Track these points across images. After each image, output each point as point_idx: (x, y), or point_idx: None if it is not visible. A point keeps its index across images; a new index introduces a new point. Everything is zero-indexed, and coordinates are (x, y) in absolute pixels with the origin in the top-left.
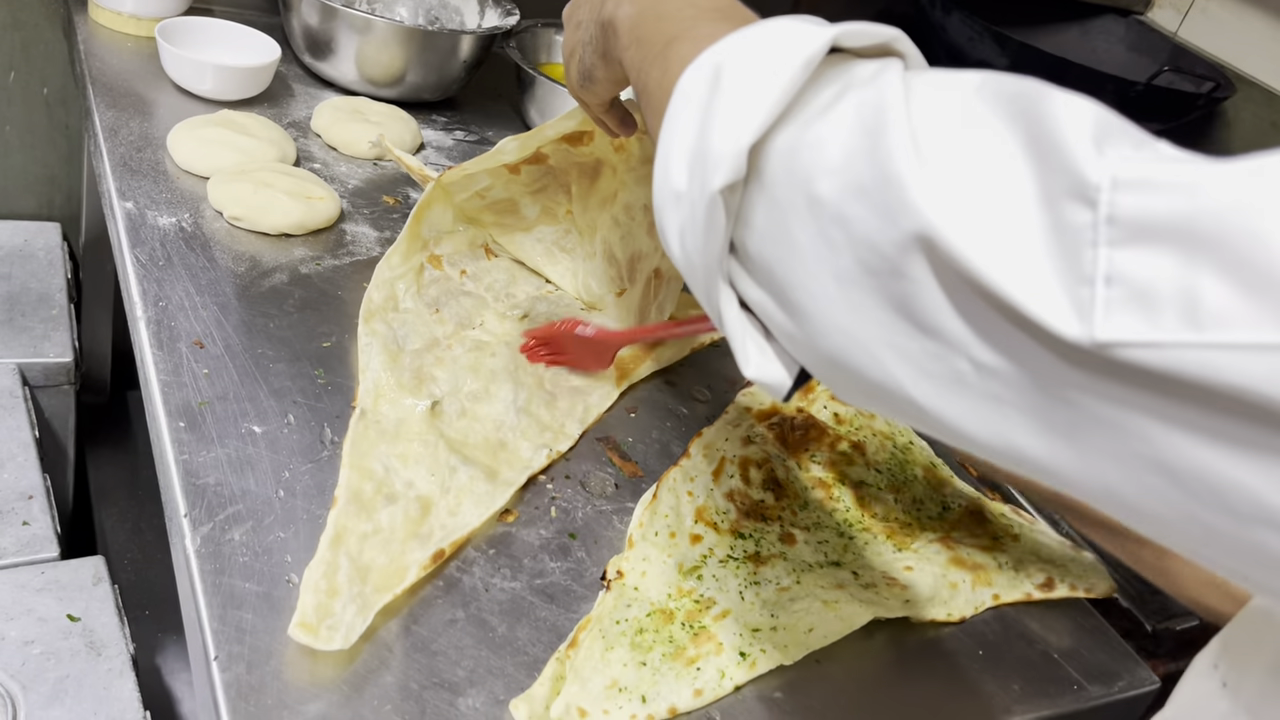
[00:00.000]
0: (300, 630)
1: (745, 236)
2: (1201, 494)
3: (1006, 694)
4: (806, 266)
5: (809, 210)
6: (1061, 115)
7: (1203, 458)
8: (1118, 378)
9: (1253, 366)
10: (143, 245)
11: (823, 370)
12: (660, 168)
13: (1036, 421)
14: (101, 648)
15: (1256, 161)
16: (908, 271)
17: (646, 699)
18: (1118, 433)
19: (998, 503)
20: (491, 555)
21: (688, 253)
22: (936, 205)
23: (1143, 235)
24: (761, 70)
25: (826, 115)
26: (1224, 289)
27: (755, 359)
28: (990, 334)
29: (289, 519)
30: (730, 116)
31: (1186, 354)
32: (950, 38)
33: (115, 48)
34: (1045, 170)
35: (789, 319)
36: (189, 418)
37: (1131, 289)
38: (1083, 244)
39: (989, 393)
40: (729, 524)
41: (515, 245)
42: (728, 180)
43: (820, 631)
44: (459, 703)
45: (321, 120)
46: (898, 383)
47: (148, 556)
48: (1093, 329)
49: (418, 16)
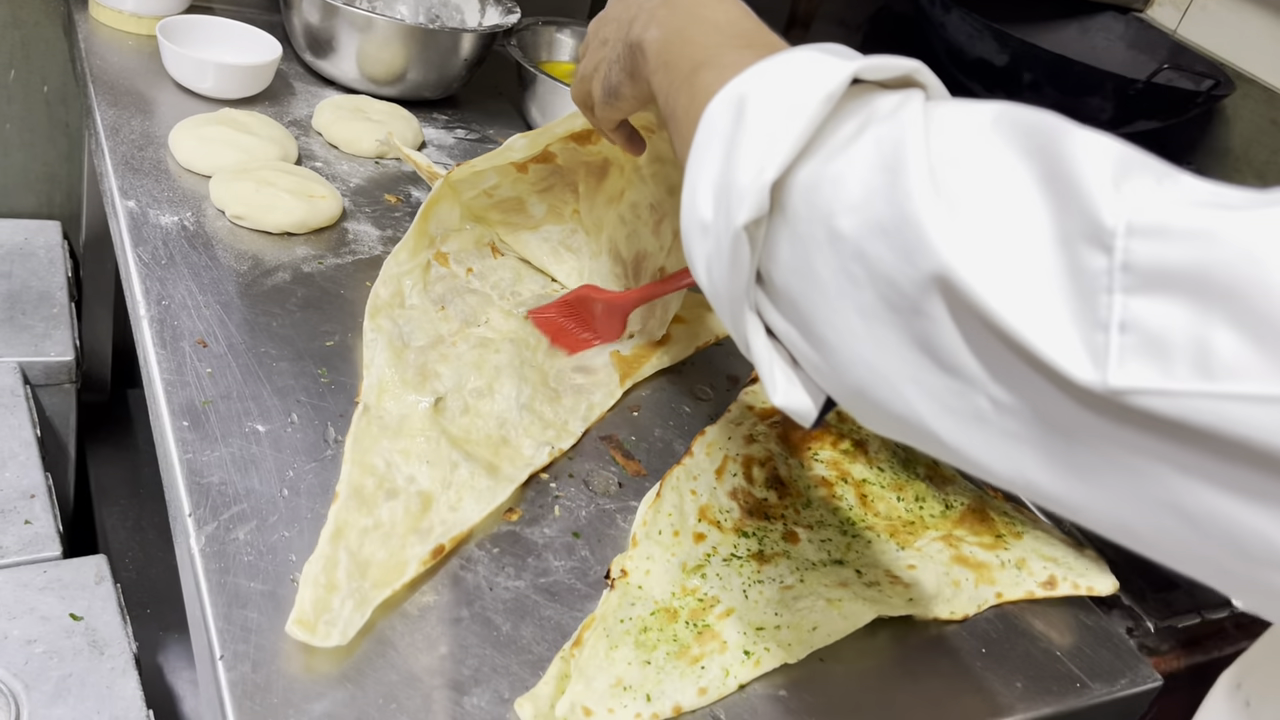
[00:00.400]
0: (297, 627)
1: (771, 269)
2: (1215, 536)
3: (1009, 692)
4: (829, 301)
5: (830, 245)
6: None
7: (1215, 503)
8: (1131, 423)
9: (1262, 418)
10: (145, 244)
11: (848, 400)
12: (688, 198)
13: (1052, 459)
14: (104, 646)
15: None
16: (927, 310)
17: (651, 698)
18: (1132, 475)
19: (1000, 501)
20: (495, 554)
21: (714, 283)
22: (953, 246)
23: (1157, 283)
24: (785, 104)
25: (847, 150)
26: (1235, 340)
27: (783, 387)
28: (1007, 375)
29: (293, 518)
30: (753, 151)
31: (1198, 403)
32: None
33: (116, 46)
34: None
35: (814, 350)
36: (192, 417)
37: (1145, 337)
38: (1098, 289)
39: (1006, 430)
40: (732, 522)
41: (521, 244)
42: (751, 216)
43: (824, 630)
44: (464, 701)
45: (323, 118)
46: (919, 416)
47: (149, 555)
48: (1107, 375)
49: (419, 14)
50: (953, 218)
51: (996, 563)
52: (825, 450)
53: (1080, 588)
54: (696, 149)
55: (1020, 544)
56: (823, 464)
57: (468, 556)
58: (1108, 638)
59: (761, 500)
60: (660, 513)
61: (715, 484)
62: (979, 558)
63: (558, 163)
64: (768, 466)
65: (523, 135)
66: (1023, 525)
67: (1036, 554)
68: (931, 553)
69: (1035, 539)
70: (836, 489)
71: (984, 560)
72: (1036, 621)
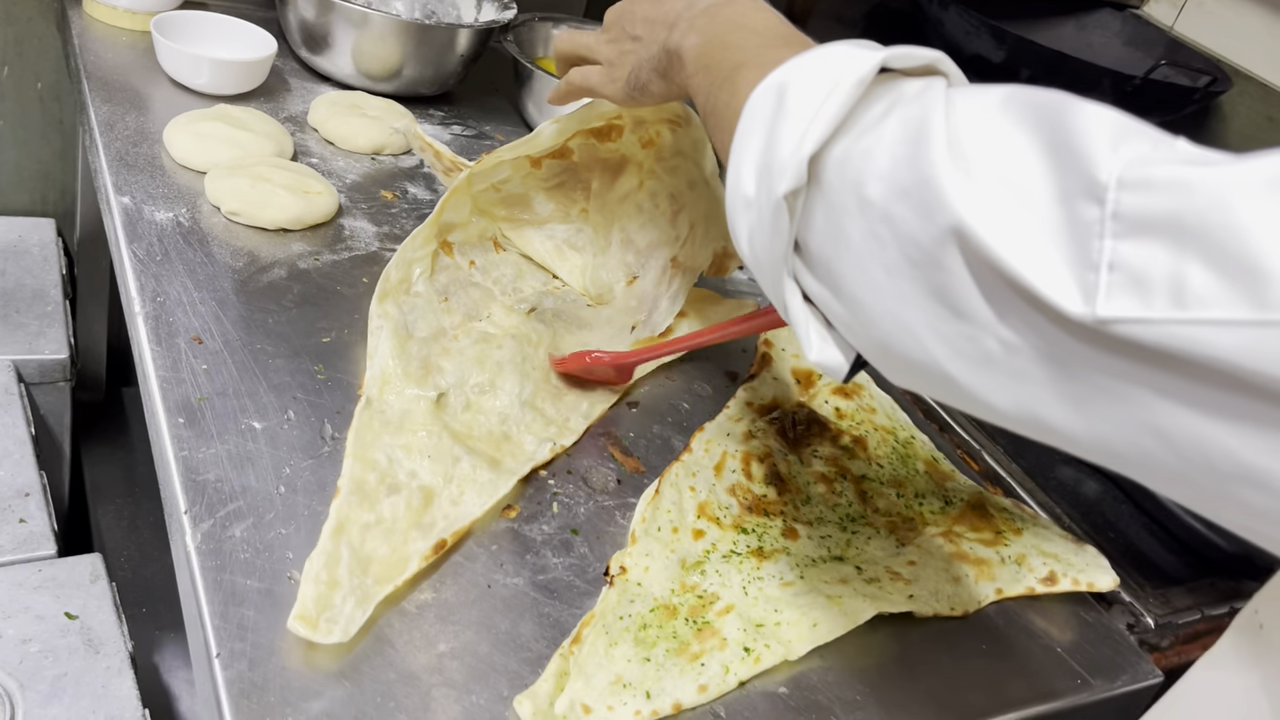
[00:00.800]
0: (299, 623)
1: (807, 236)
2: (1190, 455)
3: (1010, 688)
4: (859, 261)
5: (860, 211)
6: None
7: (1188, 422)
8: (1116, 352)
9: (1227, 340)
10: (140, 240)
11: (874, 354)
12: (732, 177)
13: (1051, 392)
14: (99, 645)
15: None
16: (944, 263)
17: (651, 695)
18: (1117, 401)
19: (1000, 497)
20: (494, 551)
21: (756, 252)
22: (968, 204)
23: (1141, 229)
24: (820, 89)
25: (876, 128)
26: (1205, 274)
27: (817, 345)
28: (1013, 316)
29: (290, 515)
30: (793, 130)
31: (1173, 329)
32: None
33: (110, 42)
34: (1063, 173)
35: (845, 309)
36: (188, 414)
37: (1129, 275)
38: (1091, 236)
39: (1012, 369)
40: (732, 519)
41: (524, 240)
42: (791, 186)
43: (824, 626)
44: (463, 699)
45: (318, 114)
46: (937, 362)
47: (144, 554)
48: (1095, 308)
49: (414, 10)
50: (968, 180)
51: (996, 559)
52: (825, 447)
53: (1080, 584)
54: (741, 133)
55: (1020, 540)
56: (822, 460)
57: (466, 554)
58: (1108, 634)
59: (761, 497)
60: (659, 509)
61: (714, 480)
62: (979, 554)
63: (573, 159)
64: (767, 463)
65: (553, 121)
66: (1022, 522)
67: (1036, 550)
68: (932, 549)
69: (1035, 535)
70: (836, 485)
71: (984, 556)
72: (1037, 618)
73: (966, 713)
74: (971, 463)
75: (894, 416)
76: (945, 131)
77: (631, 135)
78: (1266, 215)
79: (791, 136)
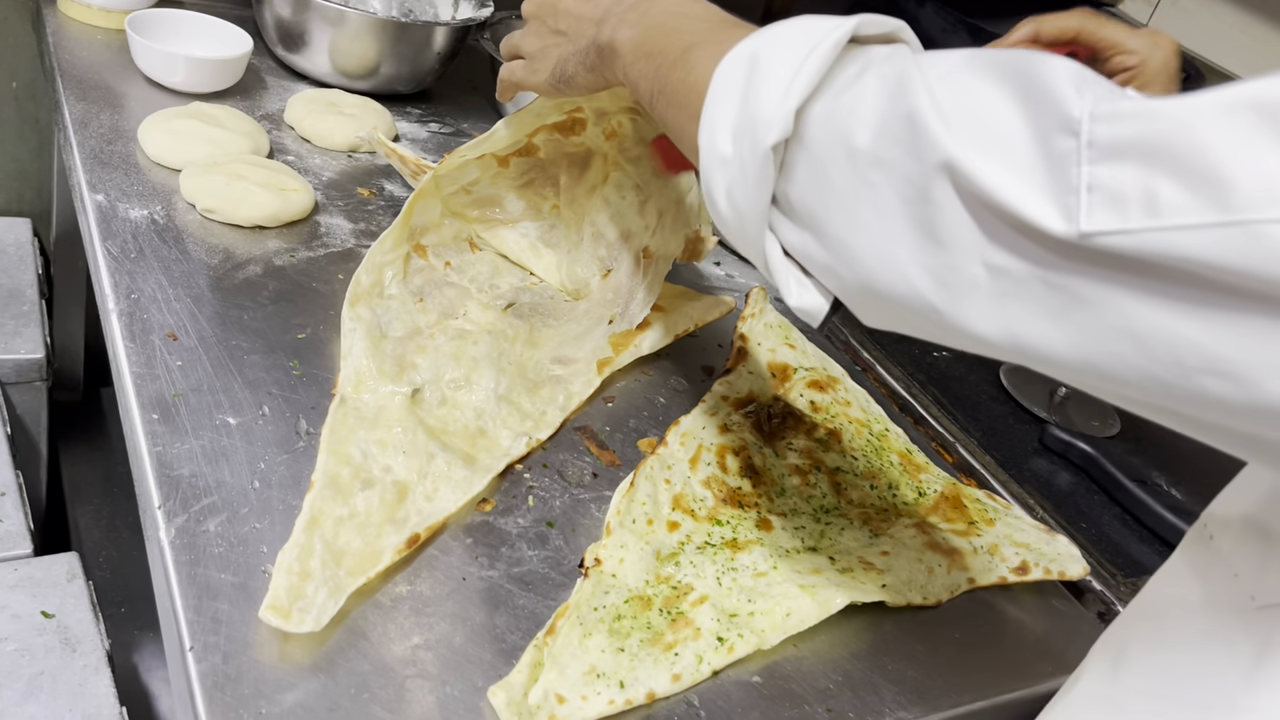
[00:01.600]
0: (271, 613)
1: (788, 189)
2: (1160, 353)
3: (982, 676)
4: (845, 206)
5: (848, 160)
6: (1047, 71)
7: (1160, 321)
8: (1097, 263)
9: (1195, 241)
10: (114, 238)
11: (856, 295)
12: (706, 142)
13: (1034, 308)
14: (76, 644)
15: (1197, 96)
16: (934, 197)
17: (625, 684)
18: (1096, 308)
19: (973, 489)
20: (469, 544)
21: (736, 206)
22: (955, 141)
23: (1115, 153)
24: (796, 52)
25: (855, 86)
26: (1174, 187)
27: (796, 291)
28: (999, 239)
29: (265, 510)
30: (774, 88)
31: (1148, 237)
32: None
33: (85, 40)
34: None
35: (828, 252)
36: (162, 410)
37: (1106, 194)
38: (1069, 164)
39: (997, 290)
40: (706, 511)
41: (499, 240)
42: (779, 137)
43: (797, 616)
44: (438, 690)
45: (295, 112)
46: (921, 295)
47: (123, 554)
48: (1079, 224)
49: (391, 8)
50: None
51: (969, 549)
52: (800, 440)
53: (1052, 573)
54: (712, 100)
55: (993, 531)
56: (797, 453)
57: (441, 547)
58: (1080, 622)
59: (735, 489)
60: (634, 502)
61: (689, 473)
62: (952, 544)
63: (539, 156)
64: (742, 455)
65: (504, 121)
66: (995, 513)
67: (1009, 540)
68: (905, 540)
69: (1007, 526)
70: (810, 477)
71: (957, 547)
72: (1009, 607)
73: (939, 700)
74: (945, 455)
75: (869, 410)
76: (924, 84)
77: (595, 128)
78: (1224, 133)
79: (774, 93)
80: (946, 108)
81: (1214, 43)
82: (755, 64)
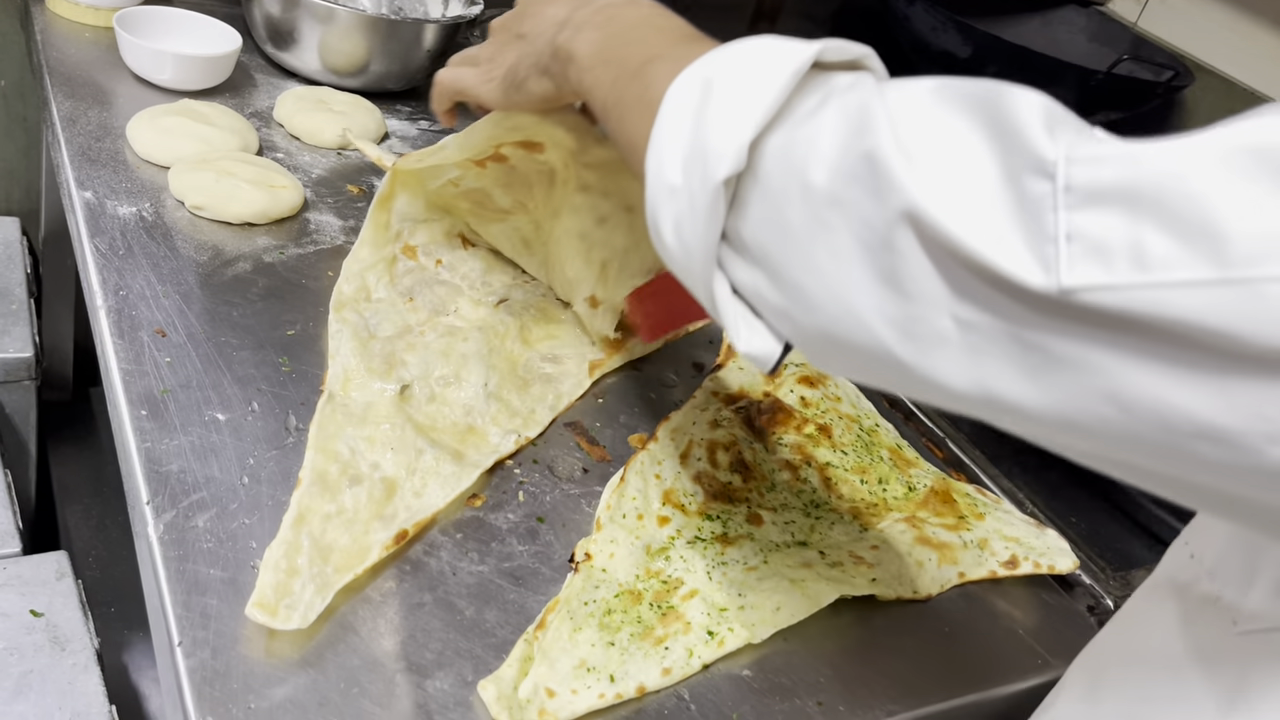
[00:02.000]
0: (258, 610)
1: (739, 225)
2: (1145, 416)
3: (972, 669)
4: (801, 247)
5: (803, 197)
6: (1017, 107)
7: (1147, 385)
8: (1079, 320)
9: (1190, 300)
10: (102, 234)
11: (811, 342)
12: (654, 167)
13: (1009, 366)
14: (65, 642)
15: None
16: (896, 244)
17: (615, 678)
18: (1075, 369)
19: (963, 483)
20: (459, 539)
21: (684, 241)
22: (918, 185)
23: (1095, 199)
24: (754, 79)
25: (815, 118)
26: (1164, 239)
27: (745, 335)
28: (969, 293)
29: (254, 505)
30: (727, 118)
31: (1136, 294)
32: (914, 28)
33: (73, 38)
34: (1006, 152)
35: (782, 296)
36: (151, 406)
37: (1089, 243)
38: (1044, 210)
39: (968, 345)
40: (696, 506)
41: (491, 235)
42: (731, 171)
43: (787, 610)
44: (427, 684)
45: (284, 110)
46: (885, 347)
47: (112, 553)
48: (1059, 278)
49: (381, 6)
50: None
51: (959, 543)
52: (790, 435)
53: (1041, 567)
54: (663, 122)
55: (982, 525)
56: (787, 448)
57: (431, 542)
58: (1069, 616)
59: (726, 484)
60: (624, 497)
61: (680, 468)
62: (942, 538)
63: (511, 164)
64: (732, 451)
65: (453, 136)
66: (985, 507)
67: (998, 535)
68: (895, 534)
69: (997, 520)
70: (801, 472)
71: (947, 541)
72: (999, 600)
73: (929, 694)
74: (935, 450)
75: (858, 405)
76: (887, 118)
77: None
78: (1218, 180)
79: (726, 124)
80: (909, 144)
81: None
82: (709, 89)
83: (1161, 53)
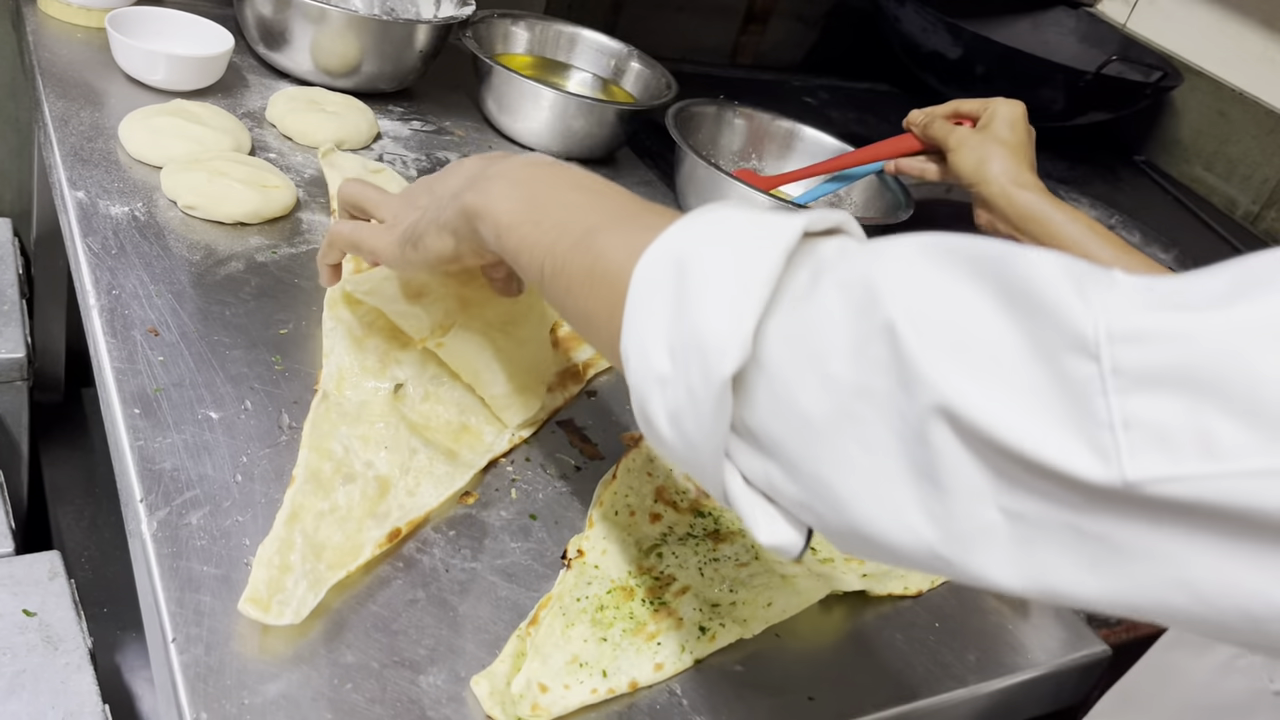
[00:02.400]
0: (250, 605)
1: (746, 415)
2: (1221, 604)
3: (963, 664)
4: (823, 439)
5: (824, 388)
6: (1032, 272)
7: (1222, 573)
8: (1145, 512)
9: (1266, 488)
10: (95, 234)
11: (840, 537)
12: (635, 352)
13: (1066, 556)
14: (58, 642)
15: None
16: (931, 440)
17: (607, 673)
18: (1145, 560)
19: None
20: (452, 536)
21: (686, 435)
22: (945, 377)
23: (1150, 383)
24: (740, 260)
25: (812, 298)
26: (1232, 426)
27: (766, 526)
28: (1017, 484)
29: (247, 503)
30: (719, 304)
31: (1208, 484)
32: (905, 29)
33: (65, 38)
34: (1034, 327)
35: (801, 488)
36: (144, 404)
37: (1149, 432)
38: (1093, 394)
39: (1019, 537)
40: (688, 502)
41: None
42: (738, 365)
43: (779, 606)
44: (420, 680)
45: (276, 110)
46: (926, 543)
47: (106, 554)
48: (1122, 471)
49: (373, 6)
50: (936, 349)
51: None
52: None
53: None
54: (635, 308)
55: None
56: None
57: (424, 539)
58: (1058, 611)
59: None
60: (617, 494)
61: (671, 465)
62: None
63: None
64: None
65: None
66: None
67: None
68: None
69: None
70: None
71: None
72: (989, 597)
73: (920, 688)
74: None
75: None
76: (889, 293)
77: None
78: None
79: (719, 311)
80: (923, 325)
81: (1191, 42)
82: (684, 272)
83: (1150, 53)
